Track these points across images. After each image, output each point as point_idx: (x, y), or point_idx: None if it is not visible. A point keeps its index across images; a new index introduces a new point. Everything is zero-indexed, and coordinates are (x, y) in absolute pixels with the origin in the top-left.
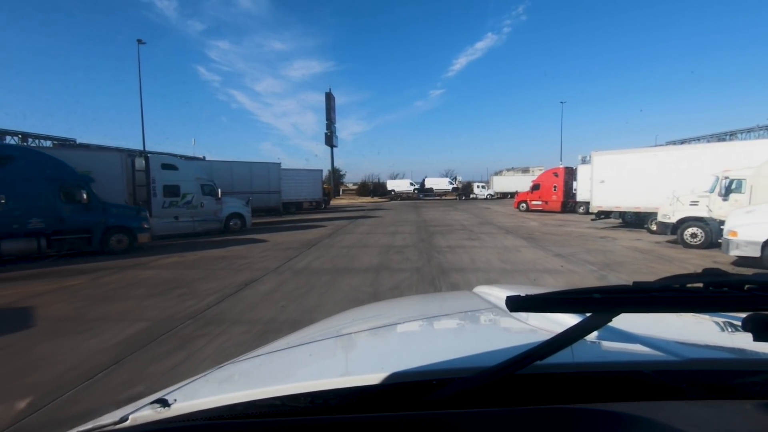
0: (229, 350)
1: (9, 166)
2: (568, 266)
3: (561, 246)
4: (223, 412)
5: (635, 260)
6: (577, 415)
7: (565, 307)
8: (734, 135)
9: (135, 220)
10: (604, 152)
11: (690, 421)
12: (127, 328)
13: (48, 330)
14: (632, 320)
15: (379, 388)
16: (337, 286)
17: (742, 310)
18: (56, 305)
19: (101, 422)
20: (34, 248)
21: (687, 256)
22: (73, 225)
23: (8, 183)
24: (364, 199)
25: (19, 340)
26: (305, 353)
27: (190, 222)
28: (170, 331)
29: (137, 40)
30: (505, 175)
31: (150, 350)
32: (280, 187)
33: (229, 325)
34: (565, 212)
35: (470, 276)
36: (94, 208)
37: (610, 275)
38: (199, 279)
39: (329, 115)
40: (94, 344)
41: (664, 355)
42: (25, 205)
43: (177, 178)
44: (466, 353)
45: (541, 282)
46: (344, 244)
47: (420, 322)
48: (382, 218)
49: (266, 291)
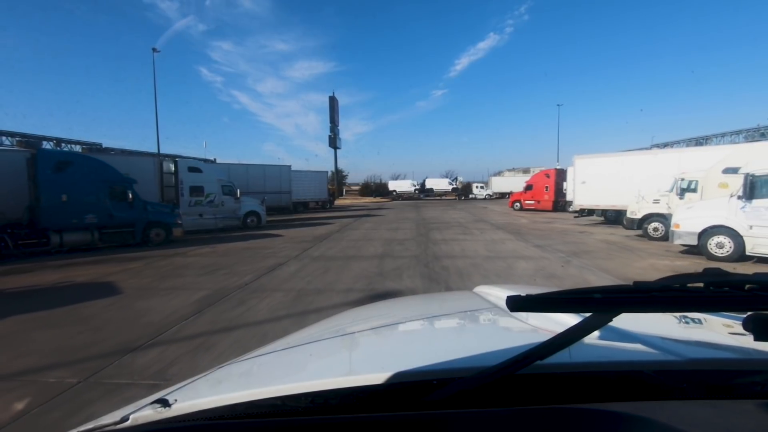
0: (275, 306)
1: (69, 170)
2: (542, 254)
3: (542, 239)
4: (224, 412)
5: (601, 250)
6: (577, 415)
7: (565, 307)
8: (709, 139)
9: (170, 216)
10: (584, 156)
11: (690, 421)
12: (194, 294)
13: (135, 295)
14: (632, 320)
15: (380, 388)
16: (350, 268)
17: (742, 309)
18: (130, 280)
19: (102, 422)
20: (88, 240)
21: (647, 246)
22: (119, 220)
23: (69, 184)
24: (367, 199)
25: (118, 300)
26: (306, 353)
27: (212, 219)
28: (227, 296)
29: (152, 49)
30: (503, 176)
31: (218, 306)
32: (290, 187)
33: (270, 292)
34: (556, 211)
35: (458, 261)
36: (136, 205)
37: (574, 260)
38: (235, 264)
39: (333, 117)
40: (177, 303)
41: (665, 354)
42: (82, 202)
43: (201, 179)
44: (466, 353)
45: (514, 266)
46: (352, 237)
47: (420, 322)
48: (384, 216)
49: (292, 271)
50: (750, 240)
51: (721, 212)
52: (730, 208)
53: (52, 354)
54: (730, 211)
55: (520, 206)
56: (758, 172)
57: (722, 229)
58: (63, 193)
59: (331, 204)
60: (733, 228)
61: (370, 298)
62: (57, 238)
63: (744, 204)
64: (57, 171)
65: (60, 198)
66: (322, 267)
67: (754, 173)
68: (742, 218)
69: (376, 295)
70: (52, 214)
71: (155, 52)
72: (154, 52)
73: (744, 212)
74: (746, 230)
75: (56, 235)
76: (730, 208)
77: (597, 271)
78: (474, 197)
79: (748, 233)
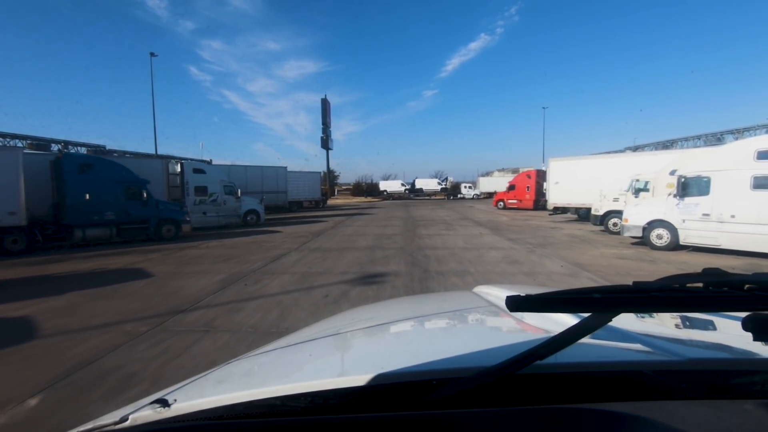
0: (285, 284)
1: (90, 172)
2: (512, 245)
3: (516, 234)
4: (223, 412)
5: (564, 242)
6: (577, 415)
7: (564, 307)
8: (675, 143)
9: (180, 213)
10: (558, 159)
11: (690, 420)
12: (215, 276)
13: (165, 277)
14: (632, 320)
15: (379, 387)
16: (344, 257)
17: (741, 309)
18: (156, 267)
19: (101, 422)
20: (108, 235)
21: (604, 239)
22: (135, 217)
23: (91, 185)
24: (359, 199)
25: (153, 281)
26: (305, 353)
27: (215, 217)
28: (243, 277)
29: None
30: (492, 176)
31: (238, 284)
32: (287, 187)
33: (279, 275)
34: (537, 209)
35: (439, 252)
36: (150, 204)
37: (538, 250)
38: (243, 254)
39: (325, 119)
40: (202, 283)
41: (664, 354)
42: (102, 201)
43: (205, 180)
44: (465, 353)
45: (486, 254)
46: (345, 233)
47: (419, 322)
48: (375, 215)
49: (295, 260)
50: (683, 232)
51: (660, 208)
52: (668, 205)
53: (118, 315)
54: (668, 208)
55: (503, 205)
56: (688, 174)
57: (661, 222)
58: (86, 192)
59: (324, 203)
60: (670, 222)
61: (363, 277)
62: (80, 233)
63: (678, 201)
64: (80, 173)
65: (83, 197)
66: (320, 256)
67: (685, 175)
68: (676, 213)
69: (368, 275)
70: (76, 212)
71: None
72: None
73: (678, 208)
74: (680, 223)
75: (79, 231)
76: (668, 205)
77: (554, 258)
78: (462, 197)
79: (681, 226)
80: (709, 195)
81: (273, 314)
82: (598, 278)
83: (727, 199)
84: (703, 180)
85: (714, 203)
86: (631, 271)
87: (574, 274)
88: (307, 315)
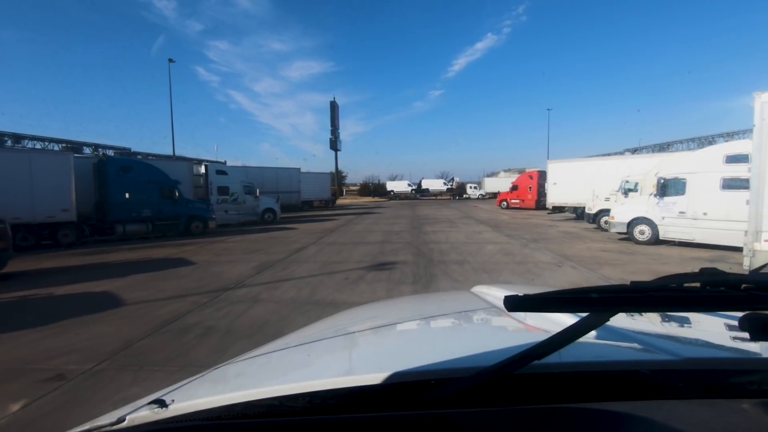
0: (310, 269)
1: (130, 174)
2: (509, 240)
3: (514, 231)
4: (222, 413)
5: (557, 238)
6: (575, 415)
7: (562, 307)
8: (671, 145)
9: (207, 211)
10: (556, 161)
11: (688, 420)
12: (249, 263)
13: (207, 264)
14: (630, 320)
15: (378, 387)
16: (358, 249)
17: (739, 309)
18: (195, 256)
19: (99, 423)
20: (144, 230)
21: (595, 235)
22: (167, 214)
23: (130, 185)
24: (366, 199)
25: (197, 268)
26: (303, 353)
27: (236, 214)
28: (273, 265)
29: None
30: (497, 177)
31: (269, 270)
32: (300, 187)
33: (303, 263)
34: (539, 209)
35: (442, 246)
36: (180, 202)
37: (531, 244)
38: (268, 247)
39: (334, 121)
40: (239, 269)
41: (662, 354)
42: (140, 200)
43: (227, 181)
44: (464, 353)
45: (484, 248)
46: (356, 230)
47: (418, 322)
48: (382, 214)
49: (314, 252)
50: (663, 228)
51: (642, 207)
52: (649, 203)
53: (181, 291)
54: (649, 206)
55: (506, 205)
56: (667, 176)
57: (644, 219)
58: (126, 192)
59: (334, 203)
60: (651, 219)
61: (375, 265)
62: (121, 228)
63: (658, 200)
64: (122, 175)
65: (124, 196)
66: (336, 249)
67: (664, 177)
68: (657, 211)
69: (380, 263)
70: (118, 209)
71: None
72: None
73: (658, 207)
74: (660, 220)
75: (120, 226)
76: (649, 204)
77: (545, 251)
78: (468, 197)
79: (661, 222)
80: (684, 195)
81: (305, 291)
82: (578, 266)
83: (700, 199)
84: (680, 181)
85: (689, 202)
86: (609, 261)
87: (558, 263)
88: (333, 291)
